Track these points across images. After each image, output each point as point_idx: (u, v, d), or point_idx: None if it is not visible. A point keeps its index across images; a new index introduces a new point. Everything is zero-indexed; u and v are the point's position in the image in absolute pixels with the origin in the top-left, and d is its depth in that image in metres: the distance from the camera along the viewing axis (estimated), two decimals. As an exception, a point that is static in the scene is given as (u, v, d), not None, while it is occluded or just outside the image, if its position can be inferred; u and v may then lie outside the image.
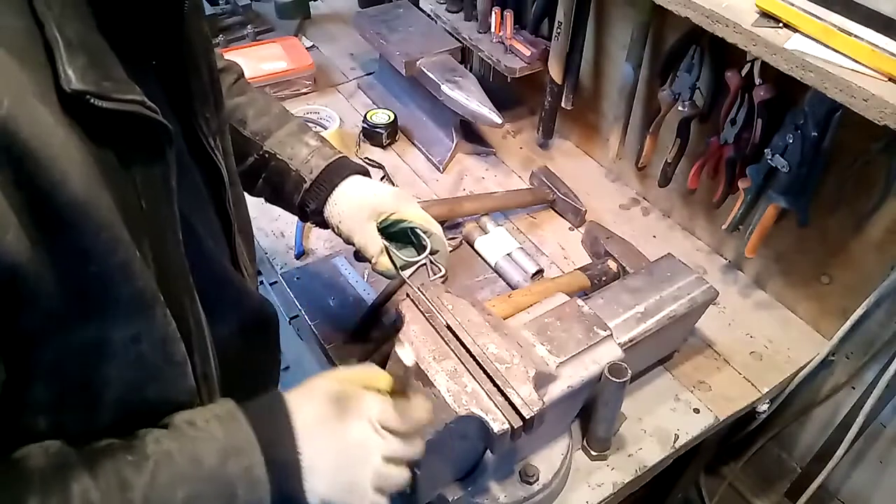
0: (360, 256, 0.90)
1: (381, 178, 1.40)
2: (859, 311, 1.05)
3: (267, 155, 0.90)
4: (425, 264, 0.92)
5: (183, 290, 0.59)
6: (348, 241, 0.90)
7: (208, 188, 0.68)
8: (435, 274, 0.92)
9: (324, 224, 0.92)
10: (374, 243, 0.87)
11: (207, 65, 0.67)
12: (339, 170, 0.90)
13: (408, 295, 0.86)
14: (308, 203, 0.90)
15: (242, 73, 0.96)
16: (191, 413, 0.59)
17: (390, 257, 0.88)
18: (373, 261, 0.88)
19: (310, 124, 1.42)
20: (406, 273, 0.91)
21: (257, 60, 1.57)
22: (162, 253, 0.55)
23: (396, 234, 0.91)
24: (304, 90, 1.60)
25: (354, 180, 0.90)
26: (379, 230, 0.89)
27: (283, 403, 0.62)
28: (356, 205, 0.89)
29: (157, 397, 0.57)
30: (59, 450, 0.52)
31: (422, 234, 0.90)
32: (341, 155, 0.92)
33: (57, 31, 0.45)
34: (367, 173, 0.93)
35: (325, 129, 1.44)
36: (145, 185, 0.52)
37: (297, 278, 1.19)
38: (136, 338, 0.53)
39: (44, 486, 0.49)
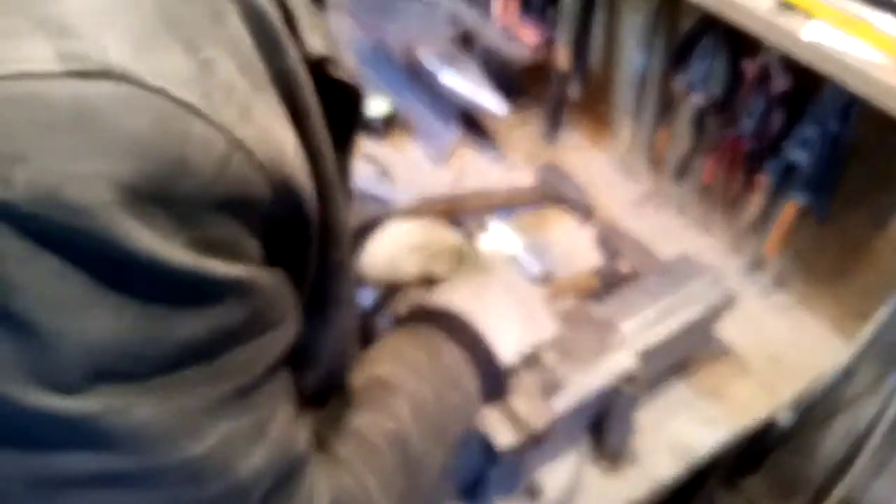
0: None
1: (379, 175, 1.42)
2: (882, 315, 1.06)
3: None
4: None
5: None
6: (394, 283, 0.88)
7: None
8: None
9: None
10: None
11: None
12: (368, 230, 0.89)
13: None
14: None
15: None
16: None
17: None
18: None
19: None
20: None
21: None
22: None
23: None
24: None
25: (378, 233, 0.89)
26: None
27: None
28: (395, 247, 0.88)
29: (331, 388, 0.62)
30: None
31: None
32: (372, 215, 0.91)
33: None
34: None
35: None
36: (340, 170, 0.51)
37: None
38: (341, 335, 0.56)
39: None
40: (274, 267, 0.42)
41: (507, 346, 0.74)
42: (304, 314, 0.48)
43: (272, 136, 0.38)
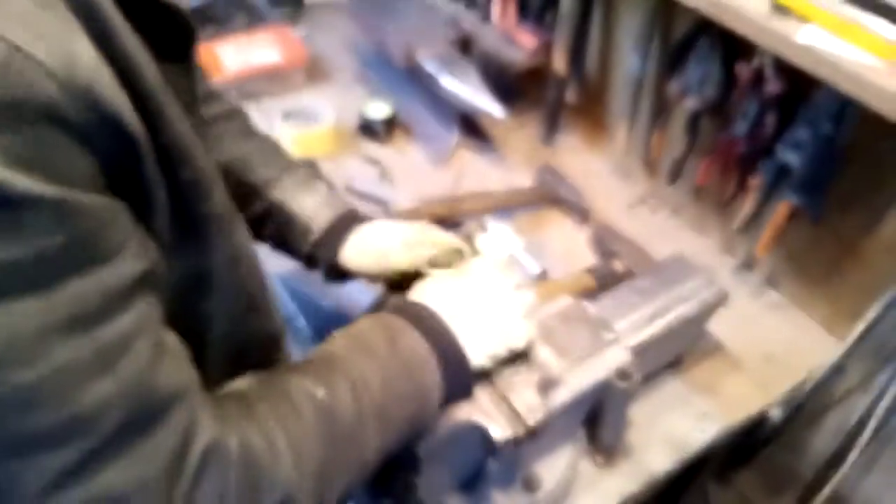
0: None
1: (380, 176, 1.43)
2: (872, 314, 1.08)
3: (273, 204, 0.91)
4: None
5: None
6: (385, 275, 0.90)
7: None
8: None
9: (334, 274, 0.93)
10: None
11: None
12: (349, 220, 0.92)
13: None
14: (317, 253, 0.91)
15: (247, 116, 0.97)
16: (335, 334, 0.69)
17: None
18: None
19: (302, 119, 1.45)
20: None
21: (248, 52, 1.58)
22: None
23: None
24: (298, 83, 1.62)
25: (366, 226, 0.92)
26: None
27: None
28: (387, 241, 0.90)
29: (257, 331, 0.63)
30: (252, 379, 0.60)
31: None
32: (351, 208, 0.94)
33: None
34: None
35: (319, 123, 1.46)
36: (177, 92, 0.51)
37: (291, 280, 1.22)
38: (235, 260, 0.57)
39: (264, 394, 0.58)
40: (112, 197, 0.43)
41: (477, 347, 0.74)
42: (178, 239, 0.49)
43: (62, 47, 0.39)
